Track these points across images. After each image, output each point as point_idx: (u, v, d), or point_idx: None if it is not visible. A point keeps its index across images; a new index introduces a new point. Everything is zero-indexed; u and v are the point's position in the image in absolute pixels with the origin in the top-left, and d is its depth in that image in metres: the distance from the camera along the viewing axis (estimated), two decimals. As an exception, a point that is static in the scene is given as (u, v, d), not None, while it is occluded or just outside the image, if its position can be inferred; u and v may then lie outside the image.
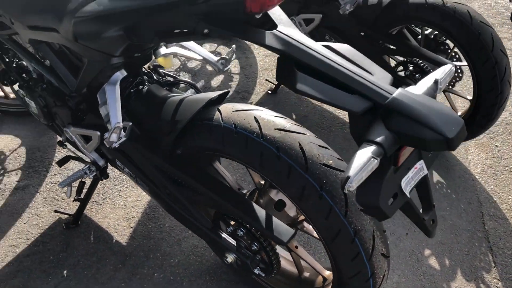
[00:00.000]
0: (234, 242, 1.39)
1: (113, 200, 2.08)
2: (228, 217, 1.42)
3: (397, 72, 2.28)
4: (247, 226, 1.36)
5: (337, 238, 1.17)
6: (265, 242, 1.35)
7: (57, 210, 1.98)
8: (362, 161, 0.88)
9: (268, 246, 1.36)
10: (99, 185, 2.12)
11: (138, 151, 1.46)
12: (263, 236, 1.35)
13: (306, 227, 1.51)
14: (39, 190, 2.12)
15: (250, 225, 1.35)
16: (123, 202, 2.07)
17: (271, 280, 1.60)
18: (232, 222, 1.41)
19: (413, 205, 1.05)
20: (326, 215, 1.16)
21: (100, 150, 1.66)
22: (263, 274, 1.43)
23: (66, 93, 1.53)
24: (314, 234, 1.48)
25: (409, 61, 2.22)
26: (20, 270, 1.79)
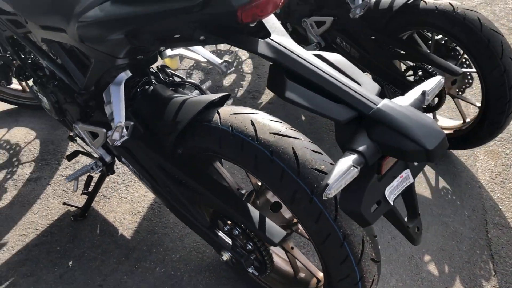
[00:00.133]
0: (230, 241, 1.43)
1: (120, 194, 2.14)
2: (225, 216, 1.46)
3: (406, 76, 2.28)
4: (242, 226, 1.40)
5: (326, 242, 1.20)
6: (258, 243, 1.39)
7: (65, 203, 2.05)
8: (342, 169, 0.90)
9: (261, 246, 1.39)
10: (108, 179, 2.19)
11: (141, 149, 1.51)
12: (256, 236, 1.38)
13: (301, 229, 1.53)
14: (50, 182, 2.19)
15: (244, 225, 1.38)
16: (130, 197, 2.13)
17: (268, 279, 1.64)
18: (228, 222, 1.44)
19: (396, 212, 1.06)
20: (316, 219, 1.18)
21: (106, 147, 1.72)
22: (257, 273, 1.46)
23: (75, 90, 1.58)
24: (307, 236, 1.50)
25: (418, 66, 2.21)
26: (28, 259, 1.87)
